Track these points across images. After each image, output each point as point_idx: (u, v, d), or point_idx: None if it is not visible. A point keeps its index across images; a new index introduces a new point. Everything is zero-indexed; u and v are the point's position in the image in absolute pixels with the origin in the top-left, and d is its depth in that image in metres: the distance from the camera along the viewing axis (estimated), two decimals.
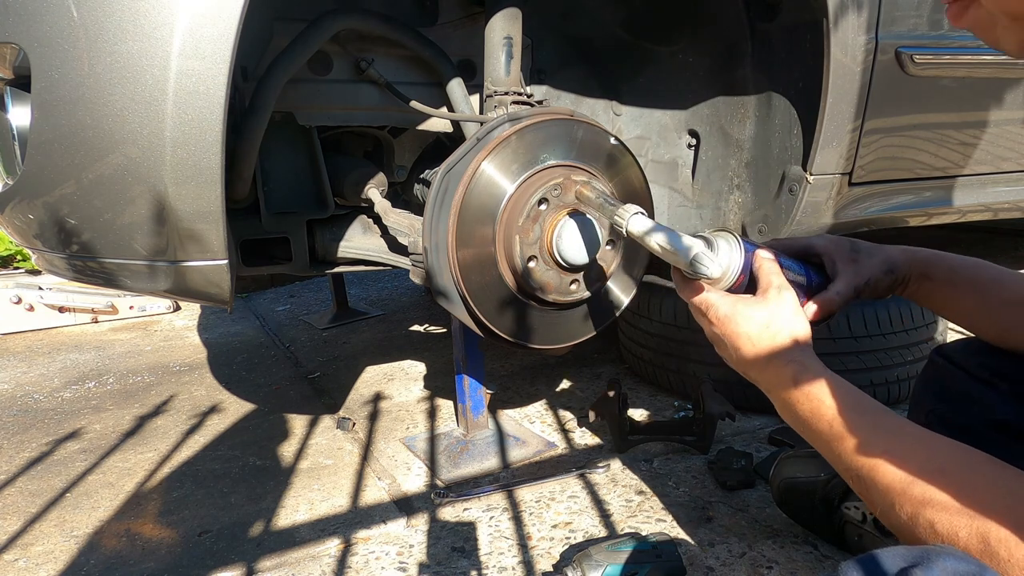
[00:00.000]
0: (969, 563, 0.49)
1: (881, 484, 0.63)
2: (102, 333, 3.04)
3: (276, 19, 1.30)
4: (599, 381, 2.01)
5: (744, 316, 0.80)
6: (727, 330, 0.81)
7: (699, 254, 0.81)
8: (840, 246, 0.91)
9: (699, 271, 0.80)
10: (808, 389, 0.72)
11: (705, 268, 0.80)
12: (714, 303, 0.82)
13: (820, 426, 0.71)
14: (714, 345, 0.86)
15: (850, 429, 0.68)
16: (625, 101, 1.73)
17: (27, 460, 1.76)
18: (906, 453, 0.63)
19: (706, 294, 0.83)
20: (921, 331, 1.67)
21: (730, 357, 0.83)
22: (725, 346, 0.82)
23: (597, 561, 1.05)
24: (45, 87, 1.00)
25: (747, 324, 0.79)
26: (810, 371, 0.74)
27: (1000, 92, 1.63)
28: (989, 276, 0.89)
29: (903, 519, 0.61)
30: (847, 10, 1.31)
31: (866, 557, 0.52)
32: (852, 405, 0.70)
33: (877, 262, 0.90)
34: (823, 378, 0.73)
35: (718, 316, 0.82)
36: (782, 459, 1.21)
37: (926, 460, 0.62)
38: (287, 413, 1.96)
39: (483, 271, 1.17)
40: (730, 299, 0.82)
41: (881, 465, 0.64)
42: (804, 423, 0.73)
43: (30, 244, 1.21)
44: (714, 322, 0.82)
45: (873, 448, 0.65)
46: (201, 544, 1.33)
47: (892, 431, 0.66)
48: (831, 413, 0.70)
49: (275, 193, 1.45)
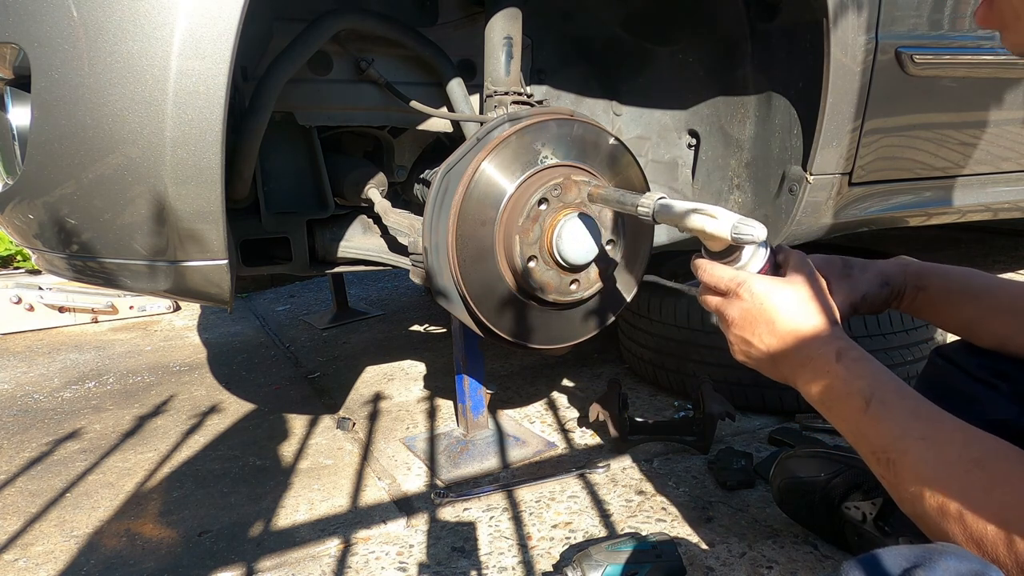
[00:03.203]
0: (972, 562, 0.49)
1: (912, 470, 0.63)
2: (102, 333, 3.04)
3: (276, 19, 1.30)
4: (599, 381, 2.01)
5: (781, 292, 0.78)
6: (763, 306, 0.77)
7: (740, 221, 0.77)
8: (832, 264, 0.91)
9: (744, 236, 0.76)
10: (852, 367, 0.71)
11: (750, 230, 0.76)
12: (748, 279, 0.79)
13: (856, 405, 0.69)
14: (735, 329, 0.81)
15: (889, 411, 0.67)
16: (625, 101, 1.73)
17: (27, 460, 1.76)
18: (943, 442, 0.63)
19: (735, 272, 0.81)
20: (921, 331, 1.67)
21: (760, 338, 0.79)
22: (757, 325, 0.78)
23: (597, 561, 1.05)
24: (45, 87, 1.00)
25: (785, 300, 0.77)
26: (854, 349, 0.73)
27: (1000, 92, 1.63)
28: (983, 285, 0.89)
29: (931, 508, 0.60)
30: (847, 10, 1.31)
31: (868, 557, 0.52)
32: (894, 388, 0.69)
33: (871, 277, 0.90)
34: (866, 359, 0.72)
35: (752, 292, 0.78)
36: (782, 459, 1.21)
37: (963, 450, 0.61)
38: (287, 413, 1.96)
39: (483, 271, 1.17)
40: (765, 277, 0.80)
41: (915, 451, 0.63)
42: (838, 402, 0.71)
43: (30, 244, 1.21)
44: (747, 298, 0.79)
45: (910, 433, 0.64)
46: (201, 544, 1.33)
47: (931, 419, 0.66)
48: (870, 393, 0.68)
49: (275, 193, 1.45)
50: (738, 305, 0.80)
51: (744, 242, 0.77)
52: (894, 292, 0.91)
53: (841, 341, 0.74)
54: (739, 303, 0.80)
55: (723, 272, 0.81)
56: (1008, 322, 0.85)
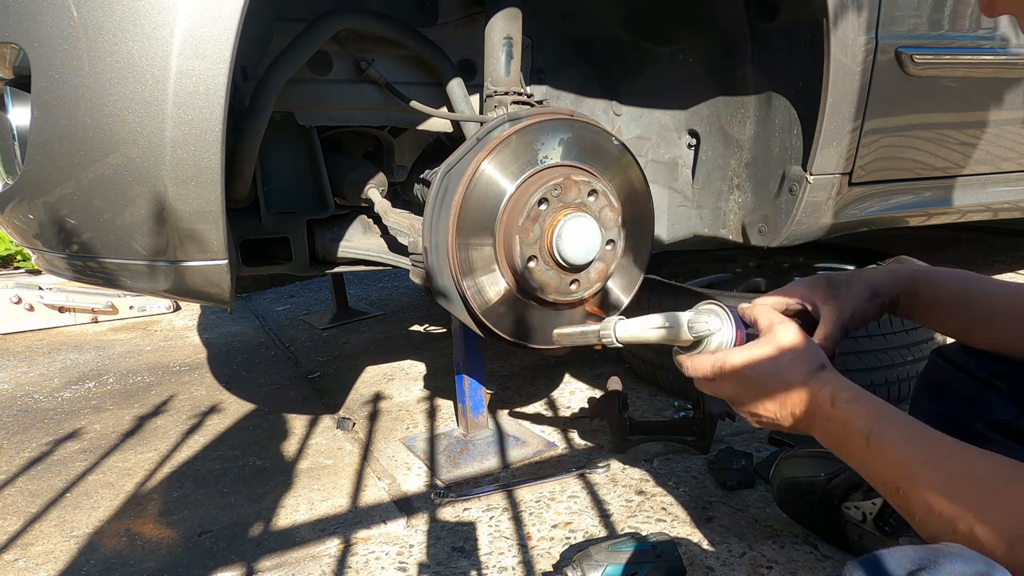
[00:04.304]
0: (977, 563, 0.49)
1: (921, 495, 0.63)
2: (102, 333, 3.04)
3: (276, 19, 1.30)
4: (599, 381, 2.01)
5: (759, 358, 0.78)
6: (749, 378, 0.78)
7: (693, 318, 0.82)
8: (816, 288, 0.90)
9: (700, 331, 0.81)
10: (847, 409, 0.71)
11: (705, 323, 0.81)
12: (721, 360, 0.80)
13: (859, 444, 0.70)
14: (740, 406, 0.82)
15: (888, 443, 0.67)
16: (625, 101, 1.73)
17: (27, 460, 1.76)
18: (943, 462, 0.63)
19: (712, 356, 0.82)
20: (921, 331, 1.67)
21: (762, 407, 0.79)
22: (753, 397, 0.79)
23: (597, 561, 1.05)
24: (45, 87, 1.00)
25: (765, 364, 0.77)
26: (846, 390, 0.73)
27: (1000, 92, 1.63)
28: (978, 289, 0.89)
29: (944, 528, 0.60)
30: (847, 10, 1.31)
31: (870, 558, 0.51)
32: (889, 420, 0.69)
33: (858, 292, 0.89)
34: (859, 397, 0.72)
35: (730, 370, 0.79)
36: (782, 459, 1.21)
37: (964, 467, 0.62)
38: (287, 413, 1.96)
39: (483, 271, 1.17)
40: (739, 349, 0.81)
41: (920, 476, 0.63)
42: (844, 444, 0.72)
43: (30, 244, 1.21)
44: (729, 377, 0.80)
45: (912, 460, 0.65)
46: (201, 544, 1.33)
47: (928, 443, 0.66)
48: (868, 429, 0.69)
49: (275, 193, 1.45)
50: (728, 387, 0.81)
51: (703, 336, 0.82)
52: (885, 302, 0.90)
53: (830, 385, 0.74)
54: (727, 384, 0.81)
55: (703, 362, 0.83)
56: (1006, 324, 0.85)
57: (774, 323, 0.81)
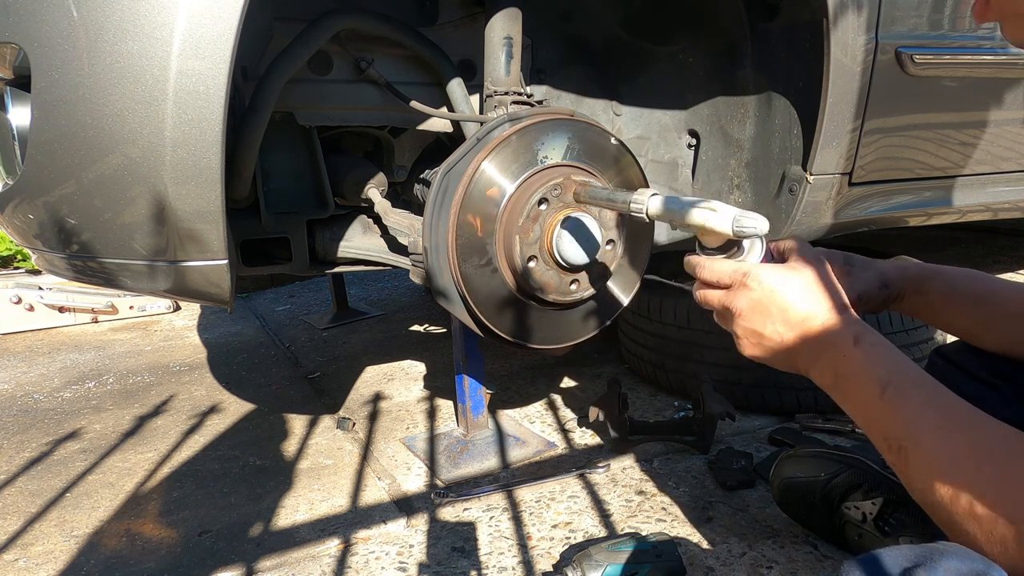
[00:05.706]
0: (974, 562, 0.49)
1: (924, 460, 0.61)
2: (102, 333, 3.04)
3: (276, 19, 1.29)
4: (599, 381, 2.01)
5: (791, 280, 0.75)
6: (774, 295, 0.74)
7: (741, 214, 0.74)
8: (834, 258, 0.90)
9: (746, 230, 0.74)
10: (870, 352, 0.69)
11: (752, 223, 0.73)
12: (754, 269, 0.77)
13: (872, 391, 0.67)
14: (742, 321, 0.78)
15: (904, 399, 0.65)
16: (625, 101, 1.73)
17: (27, 460, 1.76)
18: (957, 433, 0.62)
19: (743, 263, 0.78)
20: (921, 331, 1.67)
21: (774, 328, 0.75)
22: (769, 315, 0.75)
23: (597, 561, 1.05)
24: (45, 87, 1.00)
25: (796, 288, 0.74)
26: (872, 334, 0.71)
27: (1000, 92, 1.63)
28: (988, 289, 0.88)
29: (942, 500, 0.59)
30: (847, 10, 1.31)
31: (868, 557, 0.52)
32: (911, 376, 0.67)
33: (871, 276, 0.89)
34: (884, 344, 0.70)
35: (761, 282, 0.75)
36: (782, 459, 1.21)
37: (978, 441, 0.60)
38: (287, 413, 1.96)
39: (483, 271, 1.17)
40: (770, 265, 0.77)
41: (928, 441, 0.62)
42: (854, 387, 0.69)
43: (30, 244, 1.21)
44: (755, 288, 0.75)
45: (924, 422, 0.63)
46: (201, 544, 1.33)
47: (947, 408, 0.64)
48: (887, 379, 0.66)
49: (275, 193, 1.45)
50: (747, 296, 0.76)
51: (747, 235, 0.75)
52: (892, 295, 0.90)
53: (857, 326, 0.72)
54: (748, 294, 0.76)
55: (725, 265, 0.79)
56: (1016, 325, 0.85)
57: (812, 256, 0.78)
